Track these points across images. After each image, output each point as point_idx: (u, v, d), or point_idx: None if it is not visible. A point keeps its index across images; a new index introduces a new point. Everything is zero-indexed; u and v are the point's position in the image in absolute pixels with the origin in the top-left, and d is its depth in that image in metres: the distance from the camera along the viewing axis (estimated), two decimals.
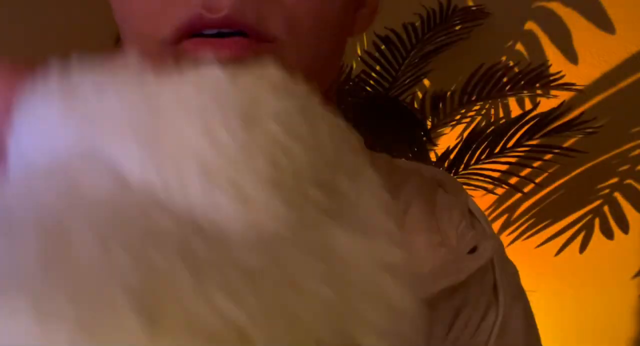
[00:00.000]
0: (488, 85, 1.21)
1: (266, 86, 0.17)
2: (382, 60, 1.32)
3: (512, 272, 0.46)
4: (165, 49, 0.29)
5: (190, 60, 0.28)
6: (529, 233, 1.39)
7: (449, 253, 0.41)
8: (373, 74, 1.34)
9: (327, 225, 0.16)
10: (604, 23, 1.20)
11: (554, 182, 1.33)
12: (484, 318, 0.43)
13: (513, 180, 1.25)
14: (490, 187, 1.23)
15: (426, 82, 1.45)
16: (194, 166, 0.15)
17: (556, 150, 1.17)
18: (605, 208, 1.28)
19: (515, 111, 1.33)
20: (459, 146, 1.24)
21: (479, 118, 1.39)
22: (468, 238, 0.42)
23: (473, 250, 0.42)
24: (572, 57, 1.25)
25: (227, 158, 0.15)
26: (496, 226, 1.43)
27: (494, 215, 1.43)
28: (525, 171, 1.24)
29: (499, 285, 0.43)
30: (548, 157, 1.20)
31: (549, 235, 1.37)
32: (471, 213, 0.46)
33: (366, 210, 0.18)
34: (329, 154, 0.18)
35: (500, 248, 0.45)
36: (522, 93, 1.24)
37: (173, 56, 0.29)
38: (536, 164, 1.23)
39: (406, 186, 0.44)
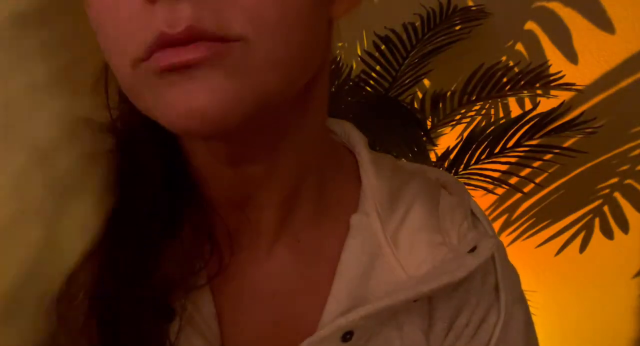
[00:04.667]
0: (488, 85, 1.21)
1: None
2: (382, 60, 1.32)
3: (513, 276, 0.46)
4: (140, 64, 0.30)
5: (160, 69, 0.29)
6: (529, 233, 1.39)
7: (449, 252, 0.42)
8: (373, 74, 1.34)
9: None
10: (604, 23, 1.20)
11: (554, 182, 1.33)
12: (485, 319, 0.43)
13: (513, 180, 1.25)
14: (490, 187, 1.23)
15: (426, 82, 1.45)
16: None
17: (556, 150, 1.17)
18: (605, 208, 1.28)
19: (515, 111, 1.33)
20: (459, 146, 1.24)
21: (479, 118, 1.39)
22: (469, 238, 0.42)
23: (473, 250, 0.42)
24: (572, 57, 1.25)
25: None
26: (496, 226, 1.43)
27: (494, 215, 1.43)
28: (525, 171, 1.24)
29: (501, 287, 0.44)
30: (548, 157, 1.20)
31: (549, 235, 1.37)
32: (473, 214, 0.46)
33: None
34: None
35: (501, 250, 0.45)
36: (522, 93, 1.24)
37: (146, 70, 0.30)
38: (536, 164, 1.22)
39: (410, 186, 0.45)
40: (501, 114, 1.36)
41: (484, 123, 1.34)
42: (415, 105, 1.33)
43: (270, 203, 0.40)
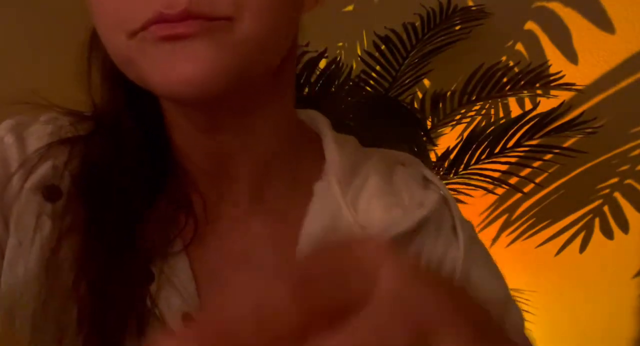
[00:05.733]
0: (488, 85, 1.21)
1: None
2: (382, 60, 1.32)
3: (469, 224, 0.50)
4: (136, 35, 0.34)
5: (156, 38, 0.32)
6: (529, 233, 1.39)
7: (401, 210, 0.47)
8: (373, 74, 1.34)
9: None
10: (604, 23, 1.20)
11: (554, 182, 1.33)
12: (445, 254, 0.47)
13: (513, 180, 1.25)
14: (490, 187, 1.23)
15: (426, 82, 1.45)
16: None
17: (556, 150, 1.17)
18: (605, 208, 1.28)
19: (515, 111, 1.33)
20: (459, 146, 1.25)
21: (479, 118, 1.39)
22: (417, 196, 0.48)
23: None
24: (572, 57, 1.25)
25: None
26: (496, 226, 1.43)
27: (494, 215, 1.43)
28: (525, 171, 1.24)
29: (459, 228, 0.48)
30: (548, 157, 1.21)
31: (549, 235, 1.37)
32: (427, 179, 0.51)
33: None
34: None
35: (455, 205, 0.50)
36: (522, 93, 1.24)
37: (141, 39, 0.33)
38: (536, 164, 1.23)
39: (369, 161, 0.50)
40: (501, 114, 1.36)
41: (484, 123, 1.34)
42: (415, 105, 1.33)
43: (244, 176, 0.45)
